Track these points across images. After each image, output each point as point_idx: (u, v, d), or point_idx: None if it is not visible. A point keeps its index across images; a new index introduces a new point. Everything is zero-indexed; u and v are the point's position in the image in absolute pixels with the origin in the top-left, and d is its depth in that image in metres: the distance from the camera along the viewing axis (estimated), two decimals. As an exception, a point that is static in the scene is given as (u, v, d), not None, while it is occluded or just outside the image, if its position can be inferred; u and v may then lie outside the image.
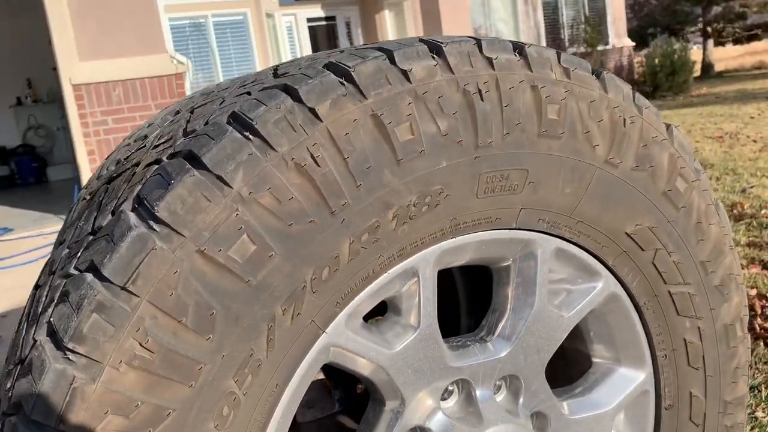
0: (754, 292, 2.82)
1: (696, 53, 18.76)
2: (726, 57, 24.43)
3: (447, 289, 1.61)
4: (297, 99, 0.80)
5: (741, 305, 1.20)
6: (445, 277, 1.50)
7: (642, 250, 1.08)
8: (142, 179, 0.80)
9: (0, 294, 4.43)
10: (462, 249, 0.97)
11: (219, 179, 0.75)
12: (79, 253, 0.78)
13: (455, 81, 0.88)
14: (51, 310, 0.75)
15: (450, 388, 1.02)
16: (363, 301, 0.89)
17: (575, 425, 1.12)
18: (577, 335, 1.16)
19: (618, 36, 17.30)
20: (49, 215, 7.34)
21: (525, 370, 1.05)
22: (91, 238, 0.79)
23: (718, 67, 21.59)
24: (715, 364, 1.19)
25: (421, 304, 0.95)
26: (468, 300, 1.61)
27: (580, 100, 0.97)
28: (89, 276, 0.73)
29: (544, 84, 0.94)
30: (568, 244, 1.04)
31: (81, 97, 6.50)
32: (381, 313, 1.16)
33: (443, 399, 1.01)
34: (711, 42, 22.42)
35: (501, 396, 1.06)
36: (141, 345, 0.72)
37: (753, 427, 1.92)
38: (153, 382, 0.73)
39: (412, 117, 0.85)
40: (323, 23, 14.13)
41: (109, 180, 0.94)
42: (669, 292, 1.12)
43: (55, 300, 0.76)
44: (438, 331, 0.96)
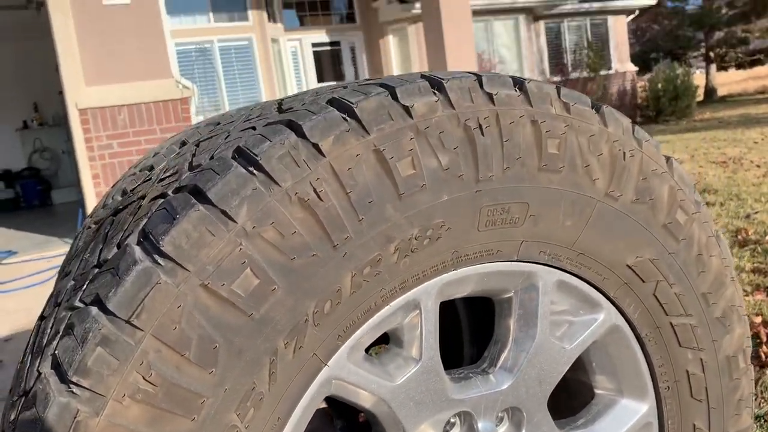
0: (759, 319, 2.81)
1: (699, 78, 18.88)
2: (729, 82, 24.57)
3: (450, 319, 1.61)
4: (301, 135, 0.82)
5: (743, 337, 1.20)
6: (448, 307, 1.51)
7: (643, 281, 1.08)
8: (147, 213, 0.81)
9: (3, 317, 4.43)
10: (463, 281, 0.97)
11: (224, 214, 0.77)
12: (85, 286, 0.79)
13: (456, 116, 0.89)
14: (56, 342, 0.76)
15: (452, 420, 1.02)
16: (365, 334, 0.90)
17: (578, 457, 1.11)
18: (580, 366, 1.16)
19: (621, 61, 17.43)
20: (53, 238, 7.37)
21: (527, 402, 1.05)
22: (97, 271, 0.80)
23: (721, 92, 21.71)
24: (719, 396, 1.18)
25: (423, 336, 0.95)
26: (471, 329, 1.61)
27: (579, 134, 0.98)
28: (94, 309, 0.74)
29: (544, 119, 0.95)
30: (569, 276, 1.04)
31: (87, 121, 6.56)
32: (384, 341, 1.17)
33: (445, 431, 1.01)
34: (714, 67, 22.57)
35: (503, 428, 1.06)
36: (144, 378, 0.73)
37: (759, 458, 1.90)
38: (156, 415, 0.74)
39: (413, 152, 0.86)
40: (328, 48, 14.26)
41: (115, 211, 0.95)
42: (671, 323, 1.12)
43: (60, 332, 0.77)
44: (440, 364, 0.96)
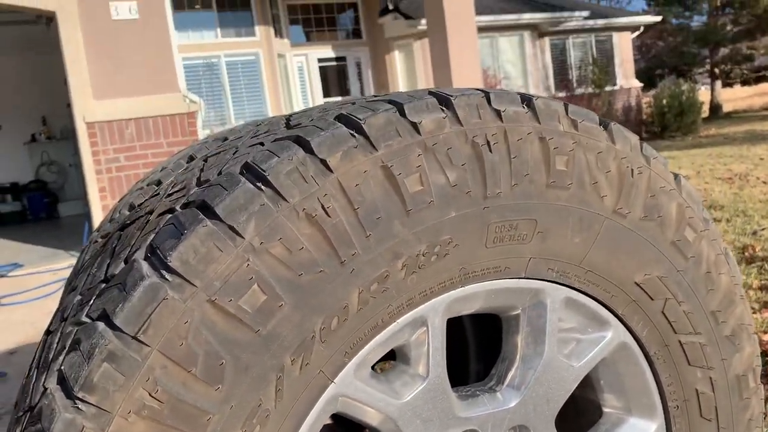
0: (767, 337, 2.79)
1: (704, 94, 18.89)
2: (734, 98, 24.58)
3: (455, 336, 1.60)
4: (309, 150, 0.82)
5: (753, 356, 1.19)
6: (454, 324, 1.50)
7: (651, 299, 1.08)
8: (155, 228, 0.81)
9: (9, 330, 4.43)
10: (471, 298, 0.97)
11: (231, 229, 0.77)
12: (91, 301, 0.79)
13: (464, 133, 0.89)
14: (62, 357, 0.76)
15: (459, 438, 1.01)
16: (371, 351, 0.89)
17: (586, 477, 1.10)
18: (587, 384, 1.15)
19: (626, 77, 17.46)
20: (60, 251, 7.38)
21: (535, 420, 1.04)
22: (104, 286, 0.80)
23: (726, 108, 21.71)
24: (728, 415, 1.17)
25: (430, 353, 0.94)
26: (477, 346, 1.60)
27: (587, 151, 0.98)
28: (101, 324, 0.74)
29: (552, 135, 0.95)
30: (577, 293, 1.04)
31: (94, 135, 6.60)
32: (388, 358, 1.16)
33: (452, 449, 1.00)
34: (719, 83, 22.59)
35: (510, 447, 1.05)
36: (150, 395, 0.73)
37: (768, 478, 1.87)
38: (161, 432, 0.73)
39: (421, 168, 0.86)
40: (334, 64, 14.35)
41: (123, 226, 0.95)
42: (680, 341, 1.11)
43: (67, 347, 0.77)
44: (447, 381, 0.96)
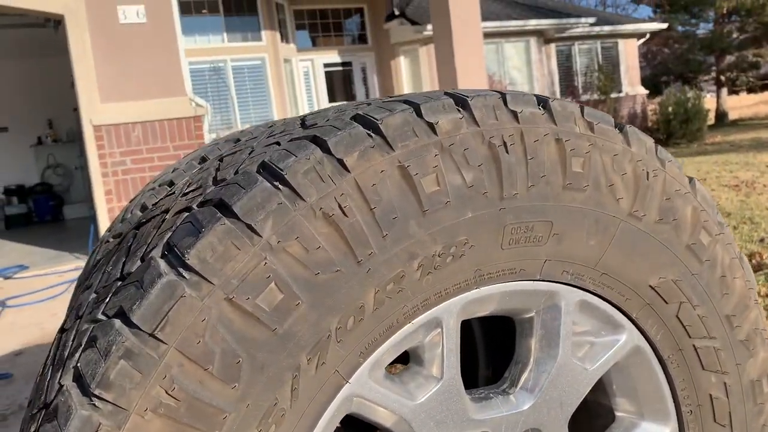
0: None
1: (710, 102, 18.86)
2: (740, 105, 24.54)
3: (465, 340, 1.60)
4: (326, 150, 0.82)
5: (767, 361, 1.18)
6: (463, 327, 1.49)
7: (666, 303, 1.07)
8: (172, 226, 0.81)
9: (14, 332, 4.44)
10: (486, 300, 0.97)
11: (249, 228, 0.76)
12: (108, 299, 0.79)
13: (481, 134, 0.89)
14: (78, 355, 0.76)
15: (472, 440, 1.00)
16: (386, 351, 0.89)
17: (598, 482, 1.09)
18: (600, 388, 1.15)
19: (631, 84, 17.46)
20: (65, 253, 7.40)
21: (548, 423, 1.03)
22: (120, 283, 0.80)
23: (732, 116, 21.67)
24: (742, 421, 1.16)
25: (444, 354, 0.94)
26: (486, 349, 1.60)
27: (603, 153, 0.98)
28: (117, 322, 0.74)
29: (568, 137, 0.95)
30: (592, 296, 1.03)
31: (101, 138, 6.61)
32: (398, 361, 1.15)
33: (465, 452, 1.00)
34: (725, 91, 22.56)
35: (523, 450, 1.05)
36: (167, 393, 0.72)
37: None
38: (177, 430, 0.73)
39: (438, 168, 0.86)
40: (339, 69, 14.38)
41: (138, 225, 0.95)
42: (694, 346, 1.11)
43: (83, 345, 0.76)
44: (461, 383, 0.95)
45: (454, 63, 8.88)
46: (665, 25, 18.90)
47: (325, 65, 14.14)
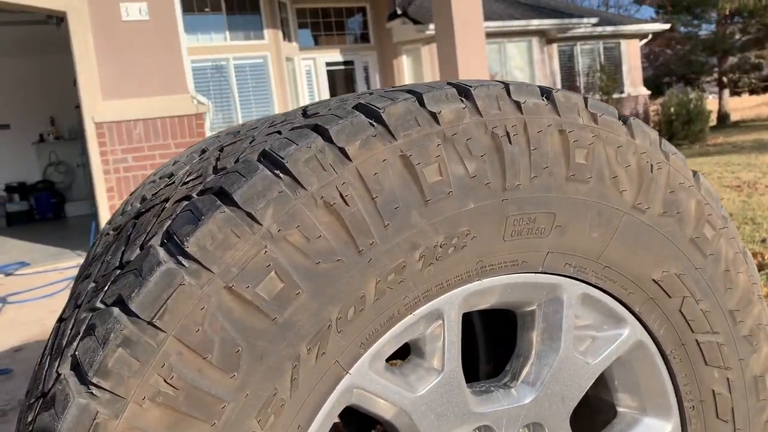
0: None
1: (712, 103, 18.83)
2: (742, 107, 24.50)
3: (466, 335, 1.59)
4: (327, 139, 0.81)
5: (770, 356, 1.17)
6: (464, 323, 1.48)
7: (669, 297, 1.06)
8: (171, 215, 0.80)
9: (15, 328, 4.43)
10: (487, 292, 0.96)
11: (249, 216, 0.76)
12: (106, 287, 0.78)
13: (483, 124, 0.89)
14: (76, 343, 0.75)
15: (472, 434, 1.00)
16: (387, 343, 0.88)
17: (600, 477, 1.09)
18: (602, 383, 1.14)
19: (633, 84, 17.44)
20: (66, 250, 7.40)
21: (549, 418, 1.02)
22: (119, 272, 0.79)
23: (734, 117, 21.64)
24: (745, 417, 1.15)
25: (446, 347, 0.93)
26: (487, 345, 1.59)
27: (607, 144, 0.97)
28: (116, 310, 0.73)
29: (571, 128, 0.94)
30: (594, 289, 1.03)
31: (102, 135, 6.61)
32: (396, 357, 1.15)
33: (465, 446, 0.99)
34: (727, 92, 22.53)
35: (524, 444, 1.04)
36: (165, 381, 0.72)
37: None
38: (176, 419, 0.72)
39: (440, 158, 0.85)
40: (342, 67, 14.37)
41: (137, 215, 0.95)
42: (696, 341, 1.10)
43: (81, 333, 0.76)
44: (462, 376, 0.94)
45: (456, 62, 8.86)
46: (668, 26, 18.87)
47: (328, 64, 14.13)
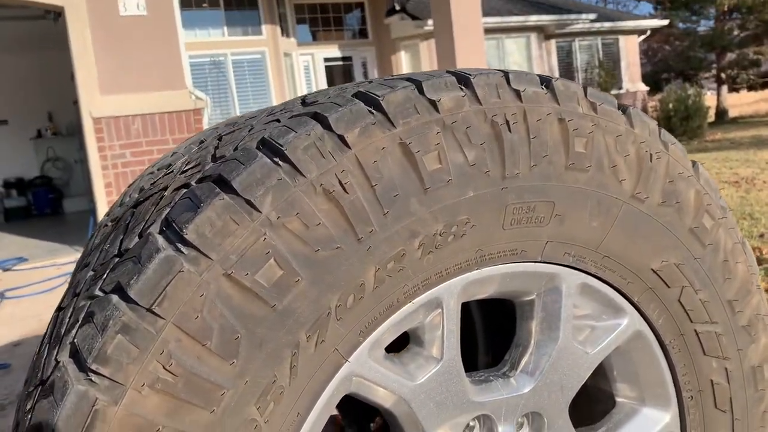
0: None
1: (710, 99, 18.83)
2: (740, 103, 24.52)
3: (465, 328, 1.59)
4: (326, 126, 0.81)
5: (769, 347, 1.17)
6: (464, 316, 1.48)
7: (668, 287, 1.06)
8: (170, 202, 0.80)
9: (13, 323, 4.43)
10: (487, 281, 0.96)
11: (248, 203, 0.76)
12: (105, 275, 0.78)
13: (483, 112, 0.88)
14: (75, 331, 0.75)
15: (471, 423, 1.00)
16: (386, 331, 0.88)
17: (599, 467, 1.09)
18: (601, 373, 1.14)
19: (632, 81, 17.44)
20: (64, 246, 7.38)
21: (548, 407, 1.02)
22: (118, 260, 0.79)
23: (732, 113, 21.65)
24: (743, 407, 1.16)
25: (445, 335, 0.93)
26: (486, 336, 1.59)
27: (606, 133, 0.97)
28: (115, 297, 0.73)
29: (571, 117, 0.94)
30: (593, 279, 1.03)
31: (100, 130, 6.60)
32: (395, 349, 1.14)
33: (464, 435, 0.99)
34: (725, 88, 22.54)
35: (523, 434, 1.04)
36: (164, 368, 0.72)
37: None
38: (175, 406, 0.72)
39: (440, 146, 0.85)
40: (340, 63, 14.35)
41: (136, 204, 0.94)
42: (695, 331, 1.10)
43: (80, 321, 0.75)
44: (461, 364, 0.94)
45: (454, 58, 8.85)
46: (666, 22, 18.87)
47: (326, 60, 14.11)
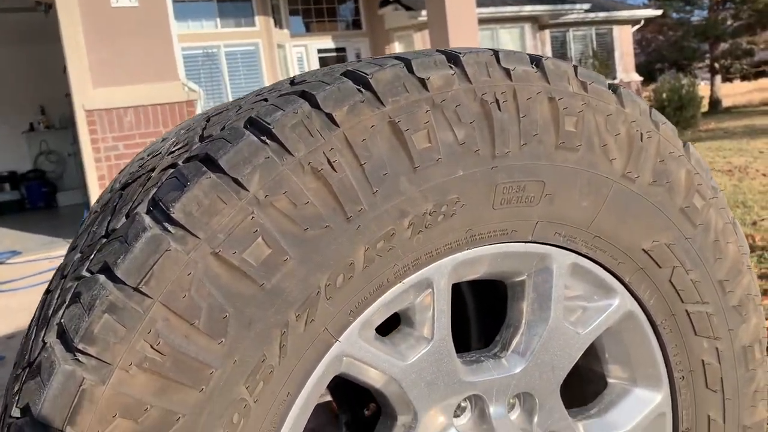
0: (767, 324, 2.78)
1: (704, 89, 18.85)
2: (734, 93, 24.56)
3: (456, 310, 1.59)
4: (314, 104, 0.80)
5: (760, 327, 1.18)
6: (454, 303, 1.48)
7: (659, 267, 1.06)
8: (157, 182, 0.80)
9: (6, 316, 4.42)
10: (477, 261, 0.95)
11: (235, 182, 0.75)
12: (92, 256, 0.78)
13: (473, 90, 0.88)
14: (62, 311, 0.74)
15: (463, 404, 1.00)
16: (377, 311, 0.88)
17: (590, 447, 1.09)
18: (592, 354, 1.14)
19: (626, 71, 17.45)
20: (58, 239, 7.36)
21: (539, 387, 1.02)
22: (105, 240, 0.78)
23: (725, 103, 21.69)
24: (734, 386, 1.16)
25: (435, 316, 0.93)
26: (478, 319, 1.59)
27: (597, 113, 0.97)
28: (102, 277, 0.73)
29: (561, 96, 0.93)
30: (584, 259, 1.02)
31: (93, 123, 6.57)
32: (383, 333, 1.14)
33: (456, 416, 0.99)
34: (718, 78, 22.57)
35: (515, 414, 1.04)
36: (152, 347, 0.71)
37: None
38: (163, 385, 0.72)
39: (429, 125, 0.84)
40: (333, 54, 14.30)
41: (124, 187, 0.94)
42: (686, 311, 1.10)
43: (67, 301, 0.75)
44: (452, 345, 0.94)
45: (448, 48, 8.83)
46: (660, 12, 18.87)
47: (319, 51, 14.07)
